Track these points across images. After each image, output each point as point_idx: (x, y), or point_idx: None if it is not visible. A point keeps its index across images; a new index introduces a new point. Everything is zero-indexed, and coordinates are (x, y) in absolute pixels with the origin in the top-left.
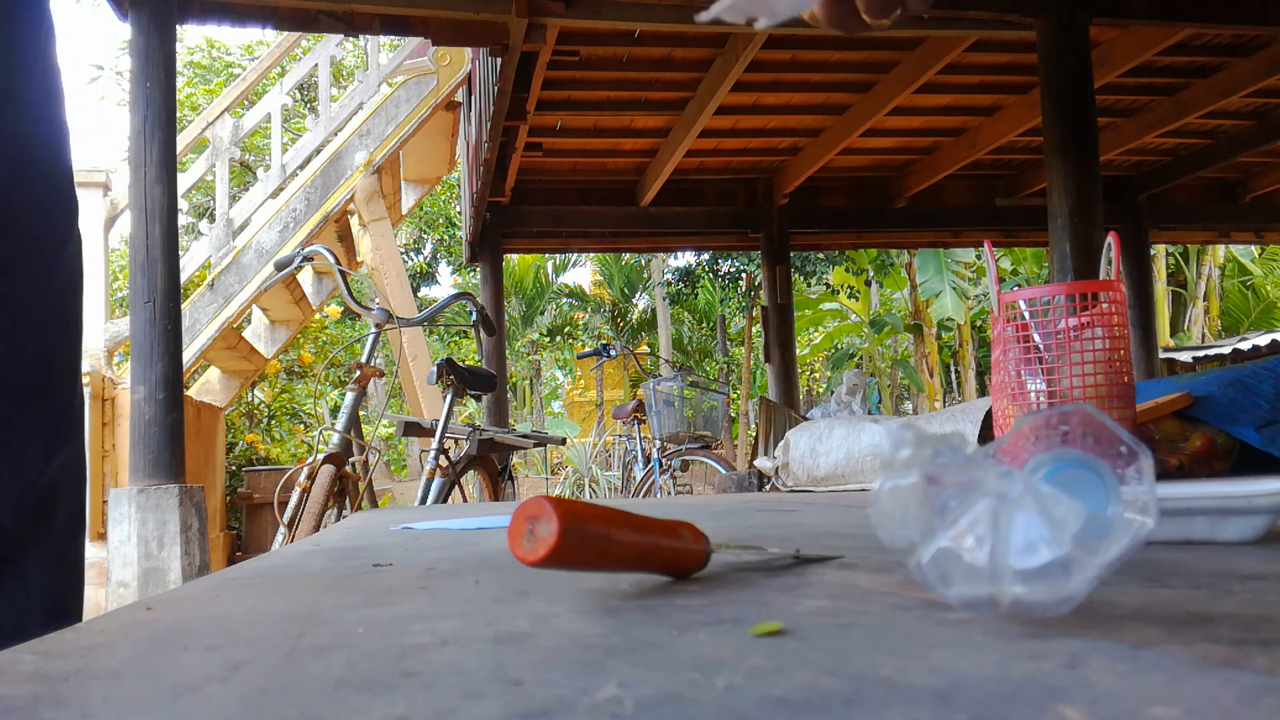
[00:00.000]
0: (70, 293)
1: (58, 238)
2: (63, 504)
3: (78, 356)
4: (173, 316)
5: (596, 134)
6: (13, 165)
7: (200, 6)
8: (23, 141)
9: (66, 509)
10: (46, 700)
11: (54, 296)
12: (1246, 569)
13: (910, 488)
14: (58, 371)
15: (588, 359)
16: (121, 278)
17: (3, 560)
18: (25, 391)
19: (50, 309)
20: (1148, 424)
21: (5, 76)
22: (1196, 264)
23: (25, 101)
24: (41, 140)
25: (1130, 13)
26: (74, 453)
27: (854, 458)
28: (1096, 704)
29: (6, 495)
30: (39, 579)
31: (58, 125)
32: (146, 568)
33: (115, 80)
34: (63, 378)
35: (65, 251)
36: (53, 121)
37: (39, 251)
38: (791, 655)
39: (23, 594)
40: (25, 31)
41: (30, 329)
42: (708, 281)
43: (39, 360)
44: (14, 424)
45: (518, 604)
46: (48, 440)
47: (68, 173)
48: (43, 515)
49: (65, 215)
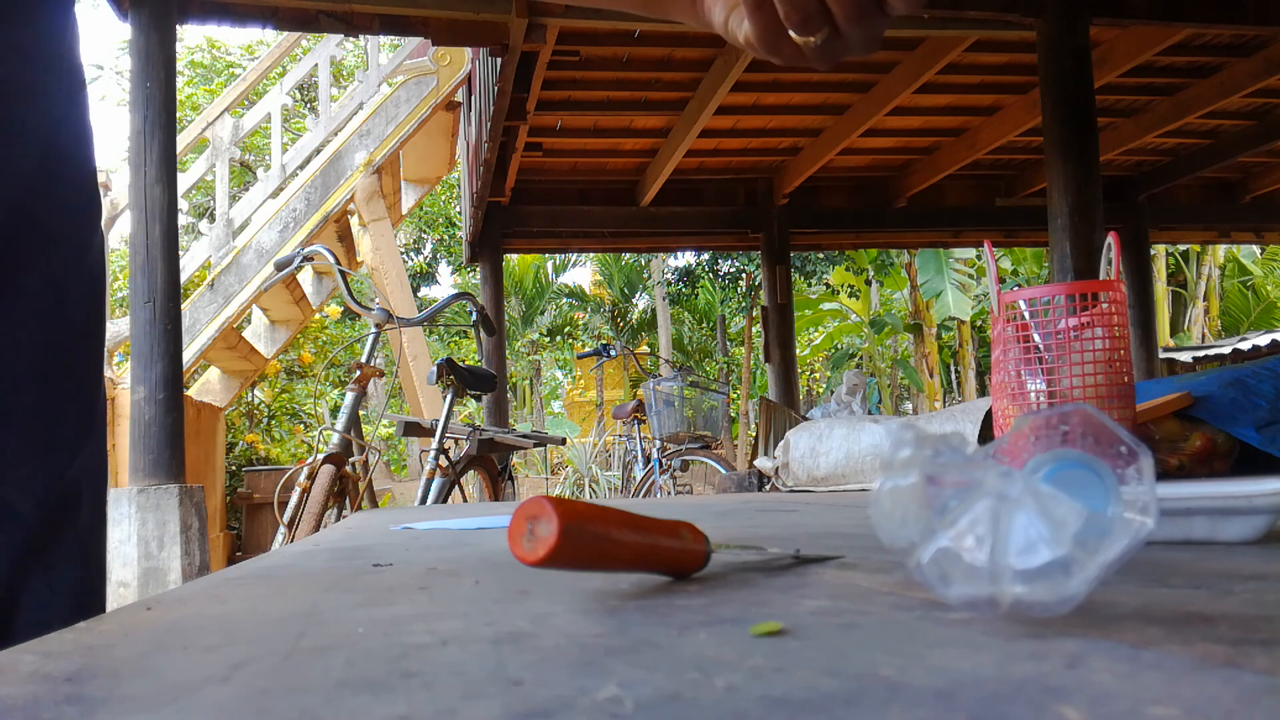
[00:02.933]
0: (96, 290)
1: (85, 234)
2: (86, 499)
3: (101, 354)
4: (173, 316)
5: (596, 134)
6: (39, 160)
7: (200, 6)
8: (48, 136)
9: (90, 504)
10: (46, 700)
11: (80, 292)
12: (1246, 569)
13: (910, 488)
14: (83, 368)
15: (588, 359)
16: (121, 278)
17: (29, 555)
18: (53, 387)
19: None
20: (1148, 424)
21: (31, 73)
22: (1196, 264)
23: (51, 98)
24: (66, 137)
25: (1130, 13)
26: (97, 448)
27: (854, 458)
28: (1096, 704)
29: (34, 490)
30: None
31: (82, 123)
32: (146, 568)
33: (115, 80)
34: (88, 374)
35: (91, 248)
36: (77, 119)
37: (66, 248)
38: (791, 655)
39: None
40: (50, 30)
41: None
42: (708, 281)
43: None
44: (43, 419)
45: (518, 604)
46: (73, 436)
47: (92, 171)
48: (68, 510)
49: (90, 213)
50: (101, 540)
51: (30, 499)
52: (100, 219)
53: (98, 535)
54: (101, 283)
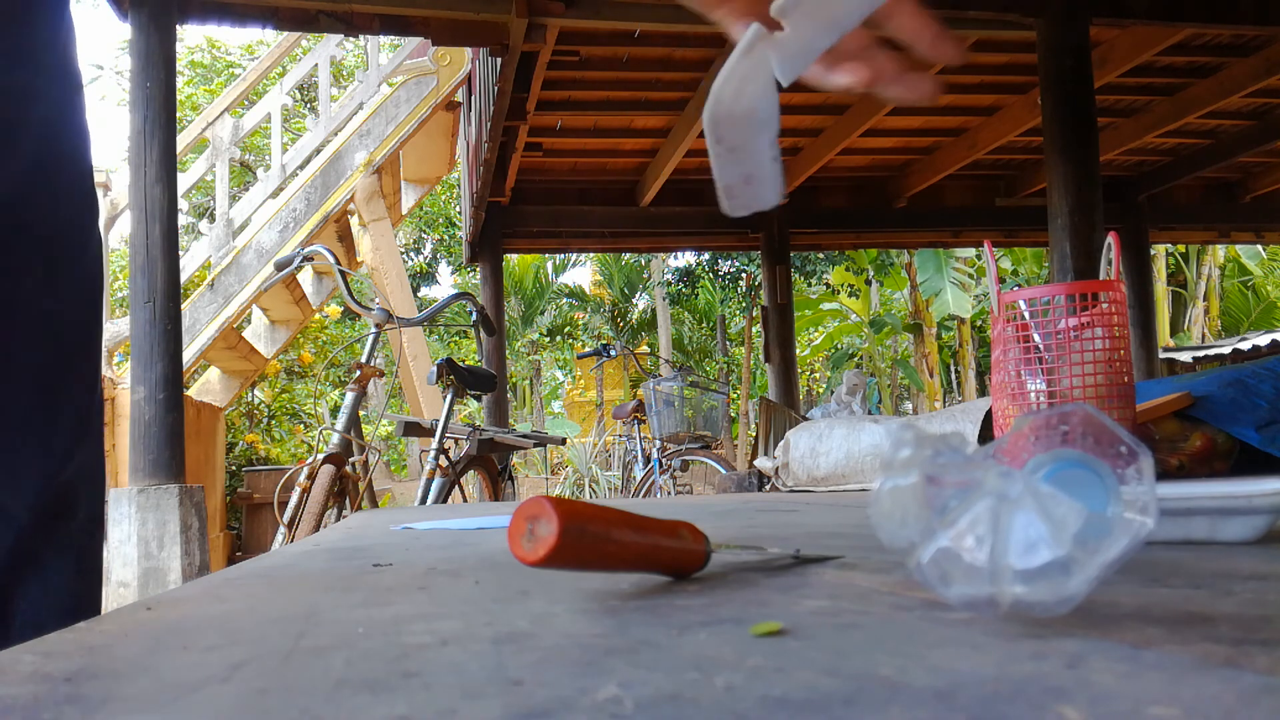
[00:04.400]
0: (93, 291)
1: (81, 237)
2: (82, 504)
3: (98, 356)
4: (173, 316)
5: (596, 134)
6: (35, 162)
7: (200, 6)
8: (45, 138)
9: (86, 509)
10: (46, 700)
11: (78, 295)
12: (1246, 569)
13: (910, 488)
14: (79, 371)
15: (588, 359)
16: (121, 278)
17: (23, 559)
18: (49, 391)
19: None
20: (1148, 424)
21: (28, 74)
22: (1196, 264)
23: (48, 100)
24: (63, 139)
25: (1130, 13)
26: (93, 452)
27: (854, 458)
28: (1096, 704)
29: (27, 494)
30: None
31: (78, 125)
32: (146, 568)
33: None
34: (84, 377)
35: (88, 250)
36: (74, 121)
37: (63, 250)
38: (791, 655)
39: (42, 594)
40: (47, 31)
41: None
42: (708, 281)
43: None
44: (38, 422)
45: (518, 604)
46: (69, 439)
47: (89, 173)
48: (63, 515)
49: (87, 215)
50: (98, 542)
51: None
52: (98, 220)
53: (93, 537)
54: (99, 284)
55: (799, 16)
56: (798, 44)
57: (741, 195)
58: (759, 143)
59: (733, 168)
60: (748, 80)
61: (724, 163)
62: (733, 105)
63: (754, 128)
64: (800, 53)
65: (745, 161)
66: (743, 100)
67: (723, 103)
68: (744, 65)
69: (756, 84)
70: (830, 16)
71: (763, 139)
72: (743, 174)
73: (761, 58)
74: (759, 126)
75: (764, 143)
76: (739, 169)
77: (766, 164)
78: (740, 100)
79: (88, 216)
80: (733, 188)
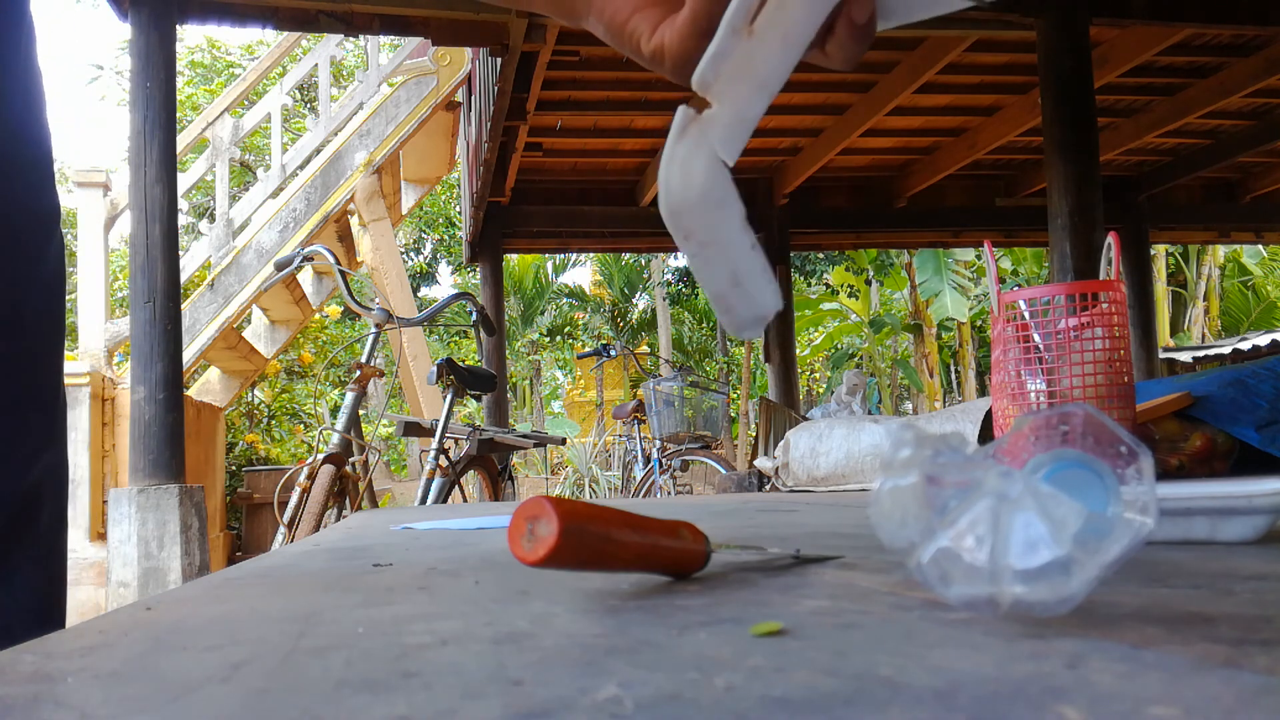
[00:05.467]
0: (54, 294)
1: (41, 239)
2: (47, 505)
3: (60, 359)
4: (173, 316)
5: (596, 134)
6: None
7: (200, 6)
8: (8, 138)
9: (50, 510)
10: (46, 700)
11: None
12: (1246, 569)
13: (910, 488)
14: (42, 374)
15: (588, 359)
16: (121, 278)
17: None
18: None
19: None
20: (1148, 424)
21: None
22: (1196, 264)
23: (6, 99)
24: (24, 139)
25: (1130, 13)
26: (57, 455)
27: (854, 458)
28: (1096, 704)
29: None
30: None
31: (39, 127)
32: (146, 568)
33: (115, 80)
34: (47, 380)
35: (49, 253)
36: (35, 121)
37: (23, 252)
38: (791, 655)
39: (9, 597)
40: (6, 30)
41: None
42: None
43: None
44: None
45: (518, 604)
46: (35, 442)
47: (50, 174)
48: (28, 517)
49: (48, 217)
50: (62, 543)
51: None
52: (58, 222)
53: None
54: (59, 288)
55: (722, 86)
56: (730, 116)
57: (739, 306)
58: (728, 228)
59: (714, 268)
60: (690, 163)
61: (701, 263)
62: (685, 193)
63: (715, 211)
64: (734, 124)
65: (723, 256)
66: (693, 185)
67: (674, 192)
68: (682, 149)
69: (700, 164)
70: (756, 80)
71: (730, 223)
72: (727, 273)
73: (698, 137)
74: (719, 208)
75: (734, 227)
76: (721, 267)
77: (747, 254)
78: (690, 186)
79: (49, 219)
80: (725, 298)
